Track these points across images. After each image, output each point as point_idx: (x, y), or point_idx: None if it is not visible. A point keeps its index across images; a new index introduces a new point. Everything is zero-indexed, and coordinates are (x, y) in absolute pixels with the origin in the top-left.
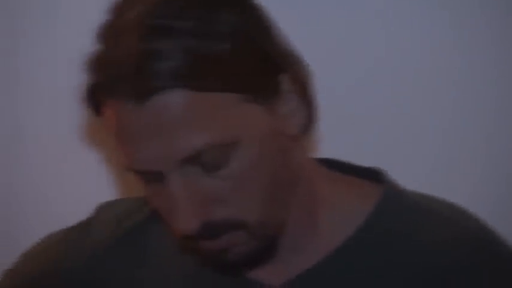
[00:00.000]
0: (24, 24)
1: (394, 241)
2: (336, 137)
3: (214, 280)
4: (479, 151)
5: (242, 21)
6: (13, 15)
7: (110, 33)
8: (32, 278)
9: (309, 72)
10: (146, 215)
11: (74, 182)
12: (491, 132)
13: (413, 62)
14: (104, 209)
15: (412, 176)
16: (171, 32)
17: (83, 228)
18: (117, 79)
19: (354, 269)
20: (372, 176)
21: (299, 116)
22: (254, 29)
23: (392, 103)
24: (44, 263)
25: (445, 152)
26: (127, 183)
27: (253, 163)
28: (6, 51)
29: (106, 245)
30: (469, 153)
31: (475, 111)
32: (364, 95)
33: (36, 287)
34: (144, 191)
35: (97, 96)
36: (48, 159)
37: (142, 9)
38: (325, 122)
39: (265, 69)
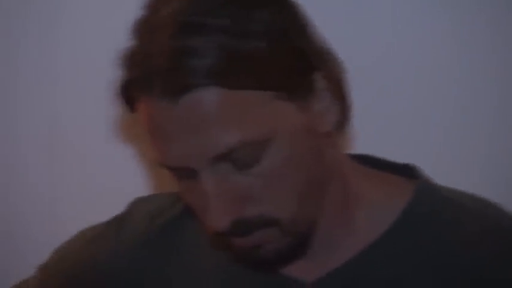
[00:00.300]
0: (59, 19)
1: (428, 237)
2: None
3: (247, 276)
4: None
5: (278, 19)
6: (49, 10)
7: (144, 29)
8: (68, 273)
9: (343, 69)
10: (179, 211)
11: (108, 177)
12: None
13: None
14: (137, 205)
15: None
16: (206, 29)
17: (117, 223)
18: (151, 76)
19: (387, 266)
20: (406, 172)
21: (332, 113)
22: (290, 27)
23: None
24: (80, 258)
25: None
26: (160, 178)
27: (286, 160)
28: (43, 46)
29: (140, 241)
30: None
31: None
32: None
33: (72, 281)
34: (177, 187)
35: (131, 92)
36: (84, 154)
37: (177, 6)
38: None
39: (300, 67)
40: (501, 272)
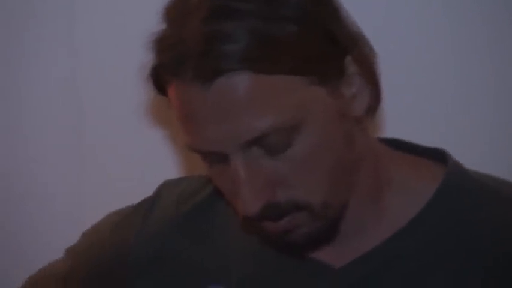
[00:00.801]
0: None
1: (459, 223)
2: None
3: (277, 260)
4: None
5: (309, 2)
6: None
7: (175, 13)
8: (98, 257)
9: (374, 54)
10: (208, 194)
11: (139, 160)
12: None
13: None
14: (166, 188)
15: None
16: (238, 14)
17: (146, 206)
18: (183, 60)
19: (416, 252)
20: (436, 156)
21: (364, 97)
22: (322, 11)
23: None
24: (109, 242)
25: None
26: (191, 161)
27: (317, 145)
28: (66, 28)
29: (169, 224)
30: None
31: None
32: None
33: (102, 265)
34: (208, 171)
35: (162, 77)
36: (113, 137)
37: None
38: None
39: (332, 51)
40: None
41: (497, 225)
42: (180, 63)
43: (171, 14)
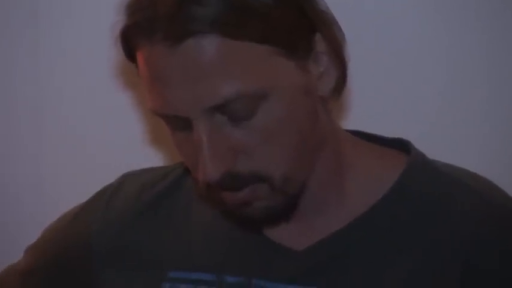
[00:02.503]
0: None
1: (420, 209)
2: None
3: (238, 241)
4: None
5: None
6: None
7: None
8: (61, 247)
9: (342, 35)
10: (169, 183)
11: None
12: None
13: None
14: (129, 179)
15: None
16: None
17: (109, 195)
18: (153, 21)
19: (377, 237)
20: (399, 145)
21: (330, 77)
22: None
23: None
24: (71, 231)
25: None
26: (157, 129)
27: (281, 117)
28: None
29: (132, 213)
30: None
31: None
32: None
33: (67, 253)
34: (171, 138)
35: (131, 38)
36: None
37: None
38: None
39: (302, 26)
40: (488, 248)
41: (457, 212)
42: (150, 25)
43: None
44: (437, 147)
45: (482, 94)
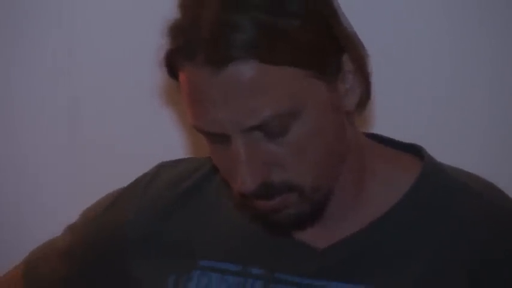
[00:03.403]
0: None
1: (433, 213)
2: None
3: (264, 238)
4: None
5: (312, 1)
6: None
7: (191, 3)
8: (97, 231)
9: (367, 54)
10: (202, 176)
11: (148, 137)
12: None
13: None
14: (164, 169)
15: None
16: (246, 7)
17: (145, 184)
18: (196, 45)
19: (395, 237)
20: (413, 150)
21: (355, 94)
22: (324, 10)
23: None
24: (108, 218)
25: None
26: (198, 144)
27: (312, 133)
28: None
29: (166, 203)
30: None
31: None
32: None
33: (103, 239)
34: (209, 149)
35: (175, 60)
36: (129, 115)
37: None
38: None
39: (331, 48)
40: (496, 253)
41: (468, 218)
42: (193, 48)
43: (187, 4)
44: (440, 147)
45: (484, 95)
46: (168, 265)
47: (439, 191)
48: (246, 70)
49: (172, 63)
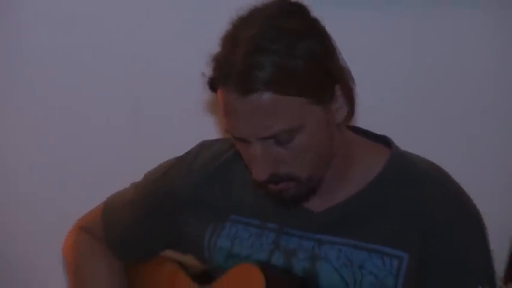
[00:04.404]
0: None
1: (399, 187)
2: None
3: (275, 206)
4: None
5: (315, 47)
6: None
7: (228, 43)
8: (156, 191)
9: (353, 81)
10: (232, 155)
11: (199, 131)
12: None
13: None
14: (205, 146)
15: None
16: (267, 51)
17: (192, 157)
18: (229, 76)
19: (372, 203)
20: (383, 140)
21: (343, 111)
22: (322, 53)
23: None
24: (163, 182)
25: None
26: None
27: (308, 142)
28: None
29: (205, 173)
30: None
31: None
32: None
33: (158, 198)
34: (236, 145)
35: (214, 82)
36: (186, 118)
37: (252, 32)
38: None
39: (327, 82)
40: (440, 219)
41: (423, 194)
42: (227, 77)
43: (226, 43)
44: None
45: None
46: (207, 218)
47: (403, 171)
48: (263, 99)
49: (213, 82)
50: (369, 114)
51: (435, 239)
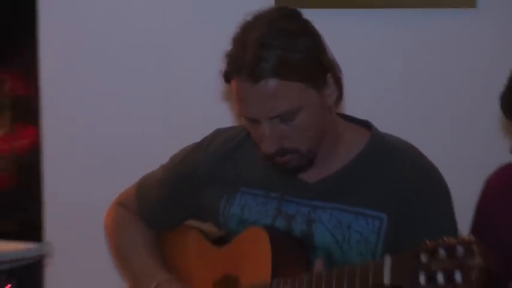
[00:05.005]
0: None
1: (378, 161)
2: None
3: (279, 177)
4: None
5: (311, 43)
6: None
7: (238, 42)
8: (180, 170)
9: (341, 72)
10: (243, 138)
11: (217, 118)
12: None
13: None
14: (219, 133)
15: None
16: (271, 47)
17: (208, 142)
18: (241, 68)
19: (357, 175)
20: (365, 124)
21: (334, 95)
22: (315, 47)
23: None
24: (186, 163)
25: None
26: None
27: (308, 121)
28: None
29: (220, 154)
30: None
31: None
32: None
33: (184, 174)
34: (248, 126)
35: (228, 74)
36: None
37: (257, 33)
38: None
39: (321, 71)
40: (413, 189)
41: (399, 168)
42: (239, 69)
43: (236, 42)
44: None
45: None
46: (222, 191)
47: (382, 148)
48: (270, 85)
49: (227, 75)
50: (363, 108)
51: (409, 202)
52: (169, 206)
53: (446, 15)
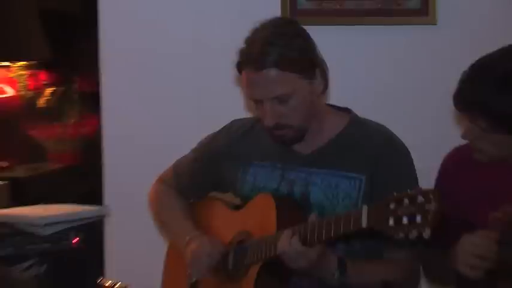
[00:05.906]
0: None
1: (357, 136)
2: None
3: (278, 149)
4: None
5: (303, 42)
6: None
7: (249, 41)
8: (207, 152)
9: (327, 67)
10: (253, 124)
11: (236, 104)
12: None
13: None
14: (235, 122)
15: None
16: (274, 44)
17: (227, 130)
18: (250, 61)
19: (341, 147)
20: (346, 110)
21: (321, 85)
22: (308, 47)
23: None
24: (211, 146)
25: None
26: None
27: (300, 103)
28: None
29: (236, 137)
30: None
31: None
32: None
33: (210, 157)
34: (255, 108)
35: (241, 66)
36: (219, 90)
37: (263, 34)
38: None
39: (311, 65)
40: (384, 159)
41: (373, 142)
42: (249, 62)
43: (247, 42)
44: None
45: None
46: (239, 165)
47: (359, 126)
48: (271, 73)
49: (239, 67)
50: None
51: (380, 165)
52: (199, 180)
53: (408, 32)
